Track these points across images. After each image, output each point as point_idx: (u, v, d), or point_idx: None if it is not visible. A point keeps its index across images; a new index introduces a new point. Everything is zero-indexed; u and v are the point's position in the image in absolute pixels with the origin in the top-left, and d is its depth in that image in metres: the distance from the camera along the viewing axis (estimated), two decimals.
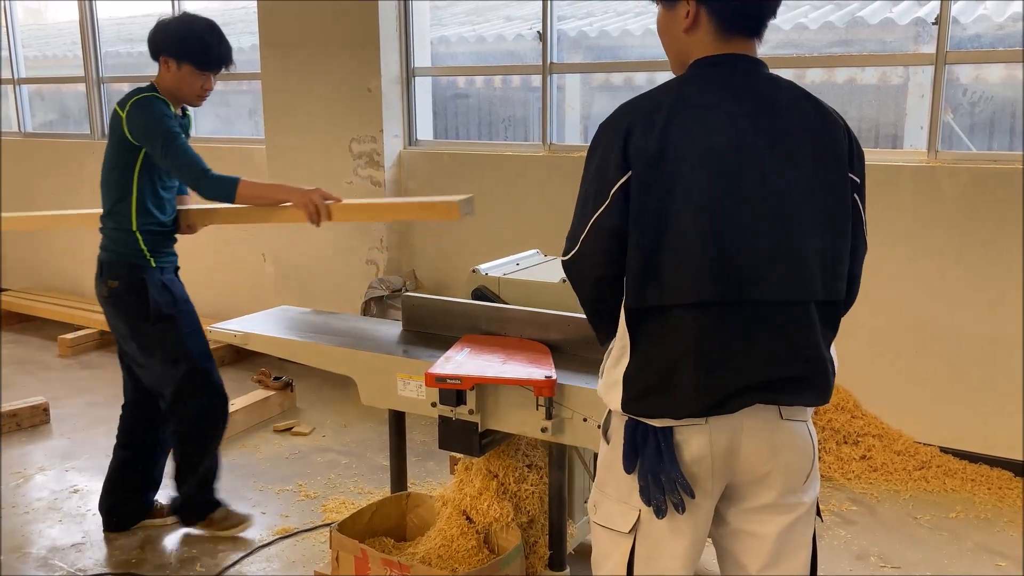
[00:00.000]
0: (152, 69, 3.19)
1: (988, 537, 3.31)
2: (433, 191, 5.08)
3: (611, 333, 1.75)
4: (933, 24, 3.80)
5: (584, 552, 3.14)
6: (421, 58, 5.17)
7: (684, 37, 1.67)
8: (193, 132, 6.34)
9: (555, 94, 4.77)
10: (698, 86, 1.64)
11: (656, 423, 1.64)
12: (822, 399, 1.68)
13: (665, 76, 1.75)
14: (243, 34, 6.29)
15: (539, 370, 2.39)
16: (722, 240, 1.55)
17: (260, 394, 4.62)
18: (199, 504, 3.36)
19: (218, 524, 3.37)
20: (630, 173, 1.58)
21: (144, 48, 3.19)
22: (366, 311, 4.73)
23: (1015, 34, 3.84)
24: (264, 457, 4.12)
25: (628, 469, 1.67)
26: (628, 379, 1.65)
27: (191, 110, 3.37)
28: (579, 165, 1.73)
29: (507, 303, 2.80)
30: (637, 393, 1.64)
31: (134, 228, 3.13)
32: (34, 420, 4.54)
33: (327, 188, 3.33)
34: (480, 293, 2.86)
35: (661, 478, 1.62)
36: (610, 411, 1.75)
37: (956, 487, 3.70)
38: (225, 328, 3.08)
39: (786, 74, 4.51)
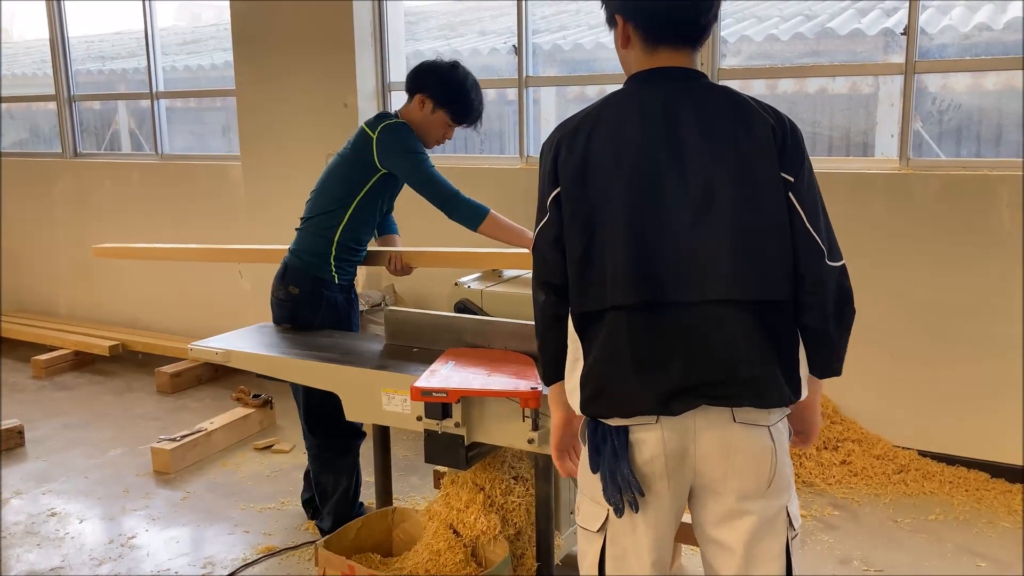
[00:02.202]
0: (132, 87, 3.17)
1: (968, 538, 3.36)
2: (410, 207, 5.07)
3: (555, 354, 1.80)
4: (901, 34, 3.87)
5: (572, 563, 3.14)
6: (397, 72, 5.18)
7: (623, 53, 1.77)
8: (167, 149, 6.32)
9: (531, 107, 4.80)
10: (619, 101, 1.72)
11: (612, 422, 1.69)
12: (761, 402, 1.66)
13: None
14: (216, 51, 6.28)
15: (524, 382, 2.40)
16: (639, 246, 1.63)
17: (239, 412, 4.59)
18: (344, 518, 3.23)
19: None
20: (559, 188, 1.70)
21: (115, 66, 3.21)
22: None
23: (980, 43, 3.92)
24: (245, 476, 4.09)
25: (593, 469, 1.72)
26: (582, 383, 1.71)
27: None
28: None
29: (490, 315, 2.81)
30: (589, 395, 1.70)
31: (335, 240, 3.17)
32: (9, 443, 4.47)
33: (304, 204, 3.33)
34: (463, 306, 2.87)
35: (617, 477, 1.67)
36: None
37: (935, 490, 3.75)
38: (205, 346, 3.05)
39: (758, 84, 4.59)
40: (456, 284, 2.92)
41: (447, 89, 3.14)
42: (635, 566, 1.73)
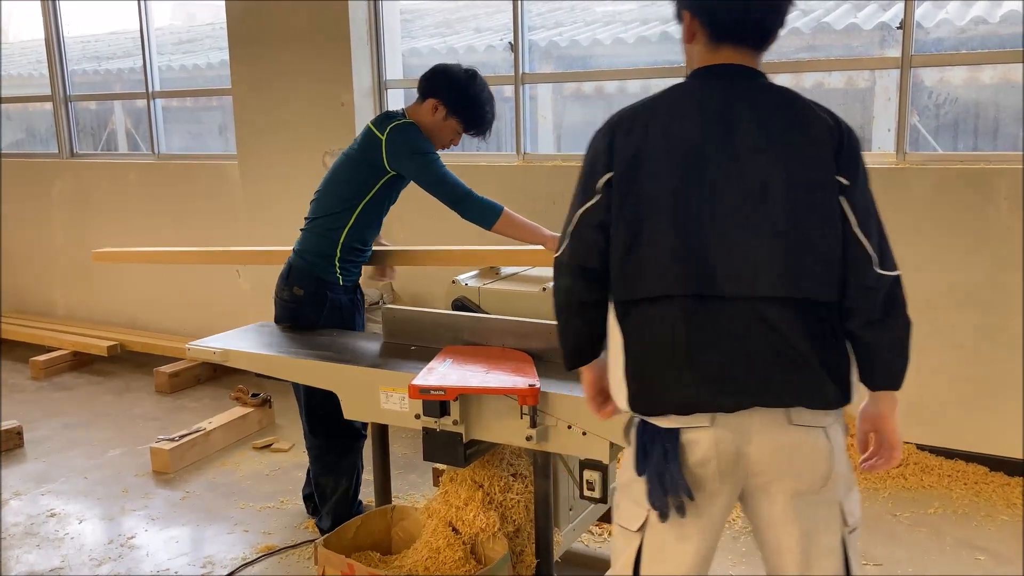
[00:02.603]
0: (128, 87, 3.17)
1: (967, 532, 3.36)
2: (408, 204, 5.07)
3: (577, 343, 1.84)
4: (898, 29, 3.87)
5: (571, 560, 3.14)
6: (393, 70, 5.18)
7: (687, 48, 1.80)
8: (163, 149, 6.32)
9: (527, 104, 4.79)
10: (677, 95, 1.75)
11: (662, 423, 1.68)
12: (809, 403, 1.66)
13: (634, 85, 1.80)
14: (211, 50, 6.27)
15: (522, 379, 2.40)
16: (689, 237, 1.65)
17: (238, 411, 4.58)
18: (343, 518, 3.22)
19: None
20: (612, 172, 1.71)
21: (111, 65, 3.20)
22: None
23: (976, 37, 3.92)
24: (244, 475, 4.08)
25: (639, 471, 1.72)
26: (627, 377, 1.71)
27: None
28: (553, 174, 1.78)
29: (488, 313, 2.81)
30: (636, 390, 1.70)
31: (340, 242, 3.16)
32: (8, 444, 4.46)
33: (302, 203, 3.33)
34: (461, 304, 2.87)
35: (665, 479, 1.66)
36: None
37: (933, 483, 3.75)
38: (204, 345, 3.05)
39: None
40: (453, 282, 2.92)
41: (463, 99, 3.13)
42: (673, 568, 1.73)
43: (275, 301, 3.30)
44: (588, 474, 2.56)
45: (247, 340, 3.13)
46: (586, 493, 2.58)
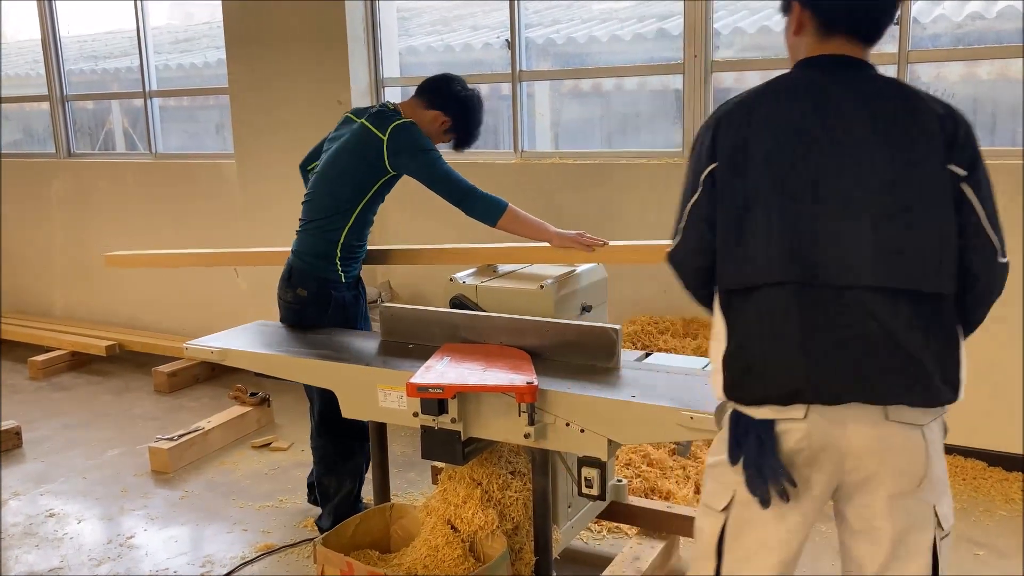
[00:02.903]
0: (125, 86, 3.16)
1: (965, 527, 3.36)
2: (405, 202, 5.07)
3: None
4: (894, 24, 3.86)
5: (570, 557, 3.15)
6: (390, 68, 5.17)
7: (793, 40, 1.81)
8: (161, 148, 6.31)
9: (525, 101, 4.79)
10: (783, 84, 1.76)
11: (756, 414, 1.69)
12: (911, 399, 1.64)
13: (631, 82, 1.80)
14: (208, 49, 6.26)
15: (520, 376, 2.40)
16: (793, 226, 1.65)
17: (237, 410, 4.58)
18: (344, 516, 3.20)
19: None
20: (716, 163, 1.73)
21: (108, 65, 3.20)
22: None
23: (973, 33, 3.92)
24: (243, 474, 4.08)
25: (732, 461, 1.73)
26: (725, 363, 1.73)
27: None
28: (551, 172, 1.78)
29: (486, 311, 2.81)
30: (734, 377, 1.71)
31: (340, 242, 3.18)
32: (7, 444, 4.46)
33: (299, 201, 3.33)
34: (458, 301, 2.87)
35: (764, 469, 1.67)
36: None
37: None
38: (201, 345, 3.05)
39: (752, 76, 4.59)
40: (451, 280, 2.92)
41: (470, 125, 3.28)
42: (758, 550, 1.74)
43: (279, 303, 3.30)
44: (586, 471, 2.56)
45: (245, 339, 3.13)
46: (584, 490, 2.58)
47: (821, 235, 1.64)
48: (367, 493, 3.38)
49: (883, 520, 1.70)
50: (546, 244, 3.05)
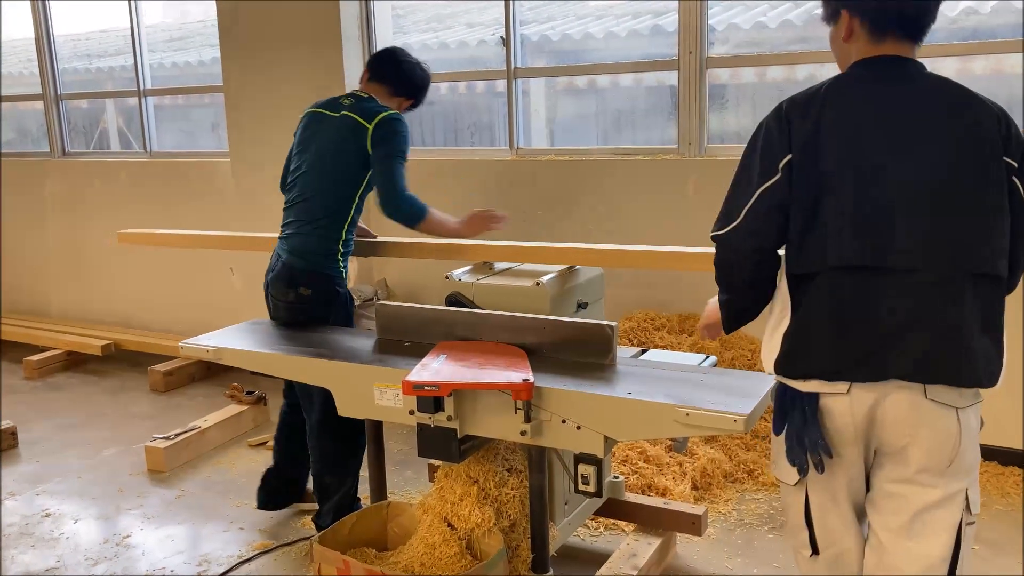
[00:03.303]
0: (119, 85, 3.16)
1: None
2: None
3: (754, 311, 2.03)
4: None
5: (567, 554, 3.15)
6: None
7: (845, 47, 1.93)
8: (156, 147, 6.30)
9: (520, 99, 4.78)
10: (845, 83, 1.88)
11: (802, 387, 1.83)
12: (956, 379, 1.75)
13: (626, 78, 1.80)
14: (203, 47, 6.24)
15: (516, 374, 2.40)
16: (862, 214, 1.77)
17: (233, 409, 4.58)
18: (342, 512, 3.23)
19: None
20: (791, 154, 1.84)
21: (102, 63, 3.21)
22: None
23: (968, 28, 3.92)
24: (240, 473, 4.08)
25: (776, 431, 1.90)
26: (784, 339, 1.86)
27: None
28: (547, 168, 1.77)
29: (481, 308, 2.81)
30: (785, 352, 1.85)
31: (342, 239, 3.21)
32: (3, 444, 4.45)
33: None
34: (454, 299, 2.86)
35: (804, 440, 1.81)
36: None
37: None
38: (197, 343, 3.04)
39: (747, 72, 4.58)
40: (447, 277, 2.91)
41: (420, 90, 3.47)
42: (838, 514, 1.90)
43: (275, 305, 3.27)
44: (583, 468, 2.55)
45: (240, 338, 3.12)
46: (581, 487, 2.58)
47: (885, 222, 1.76)
48: (363, 491, 3.38)
49: (909, 491, 1.81)
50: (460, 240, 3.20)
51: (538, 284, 2.74)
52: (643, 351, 2.91)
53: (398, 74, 3.39)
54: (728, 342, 4.21)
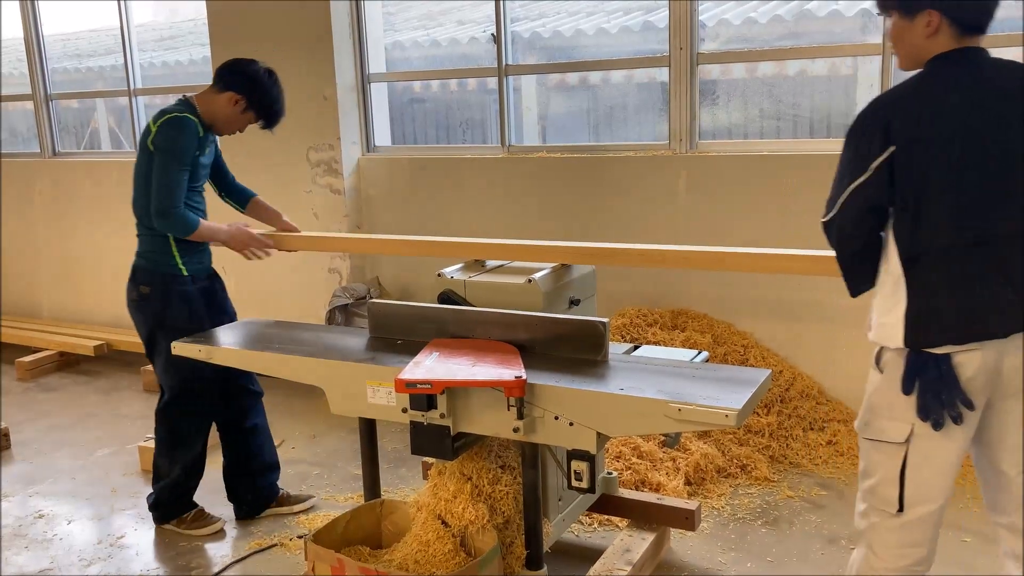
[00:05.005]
0: (110, 84, 3.15)
1: (952, 514, 3.38)
2: (394, 197, 5.07)
3: (862, 286, 2.15)
4: (878, 15, 3.87)
5: (561, 550, 3.15)
6: (376, 63, 5.16)
7: (924, 42, 2.03)
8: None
9: (511, 96, 4.78)
10: (934, 77, 2.02)
11: (936, 351, 1.98)
12: None
13: (618, 75, 1.79)
14: (193, 46, 6.23)
15: (509, 371, 2.40)
16: (964, 195, 1.95)
17: None
18: (168, 504, 3.49)
19: (188, 524, 3.48)
20: (892, 149, 1.96)
21: (92, 63, 3.21)
22: (331, 320, 4.70)
23: None
24: None
25: (907, 391, 2.01)
26: (908, 318, 2.00)
27: None
28: (539, 166, 1.77)
29: (474, 305, 2.81)
30: (913, 327, 1.99)
31: (171, 238, 3.29)
32: None
33: (286, 198, 3.33)
34: (446, 297, 2.86)
35: (942, 396, 1.97)
36: (882, 347, 2.09)
37: None
38: (189, 343, 3.04)
39: (737, 68, 4.59)
40: (439, 275, 2.91)
41: (264, 95, 3.33)
42: (936, 471, 2.05)
43: (127, 305, 3.39)
44: (576, 464, 2.56)
45: (232, 337, 3.12)
46: (574, 483, 2.58)
47: (984, 199, 1.94)
48: (357, 489, 3.38)
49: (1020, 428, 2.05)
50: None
51: (530, 281, 2.74)
52: (635, 347, 2.92)
53: (227, 68, 3.36)
54: (720, 337, 4.22)
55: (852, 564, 2.23)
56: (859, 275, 2.14)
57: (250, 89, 3.30)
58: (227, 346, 2.99)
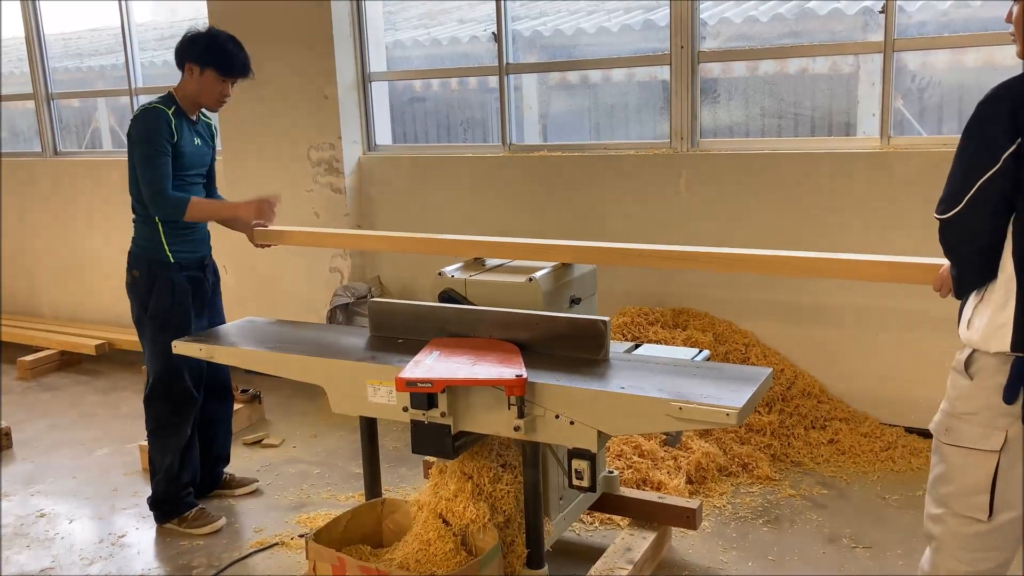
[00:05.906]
0: (111, 84, 3.16)
1: None
2: (395, 195, 5.06)
3: (978, 284, 2.05)
4: (880, 12, 3.87)
5: (562, 549, 3.15)
6: (376, 62, 5.15)
7: None
8: None
9: (512, 94, 4.78)
10: None
11: None
12: None
13: (619, 73, 1.78)
14: None
15: (509, 369, 2.40)
16: None
17: None
18: (167, 502, 3.50)
19: (188, 523, 3.49)
20: (1020, 141, 1.85)
21: (93, 62, 3.24)
22: (332, 319, 4.70)
23: (959, 20, 3.92)
24: (235, 470, 4.06)
25: (1010, 399, 1.93)
26: (1018, 321, 1.91)
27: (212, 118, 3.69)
28: (539, 164, 1.75)
29: (474, 304, 2.80)
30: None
31: (159, 226, 3.38)
32: None
33: (288, 196, 3.33)
34: (447, 295, 2.86)
35: None
36: (973, 352, 2.02)
37: (922, 466, 3.77)
38: (190, 342, 3.04)
39: (738, 66, 4.58)
40: (440, 274, 2.91)
41: (206, 48, 3.36)
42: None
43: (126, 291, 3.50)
44: (576, 463, 2.55)
45: (234, 335, 3.12)
46: (575, 482, 2.58)
47: None
48: (358, 488, 3.38)
49: None
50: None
51: (531, 280, 2.74)
52: (636, 346, 2.91)
53: (176, 47, 3.42)
54: (721, 336, 4.22)
55: (926, 566, 2.15)
56: (980, 273, 2.02)
57: (195, 52, 3.35)
58: (228, 345, 2.99)
